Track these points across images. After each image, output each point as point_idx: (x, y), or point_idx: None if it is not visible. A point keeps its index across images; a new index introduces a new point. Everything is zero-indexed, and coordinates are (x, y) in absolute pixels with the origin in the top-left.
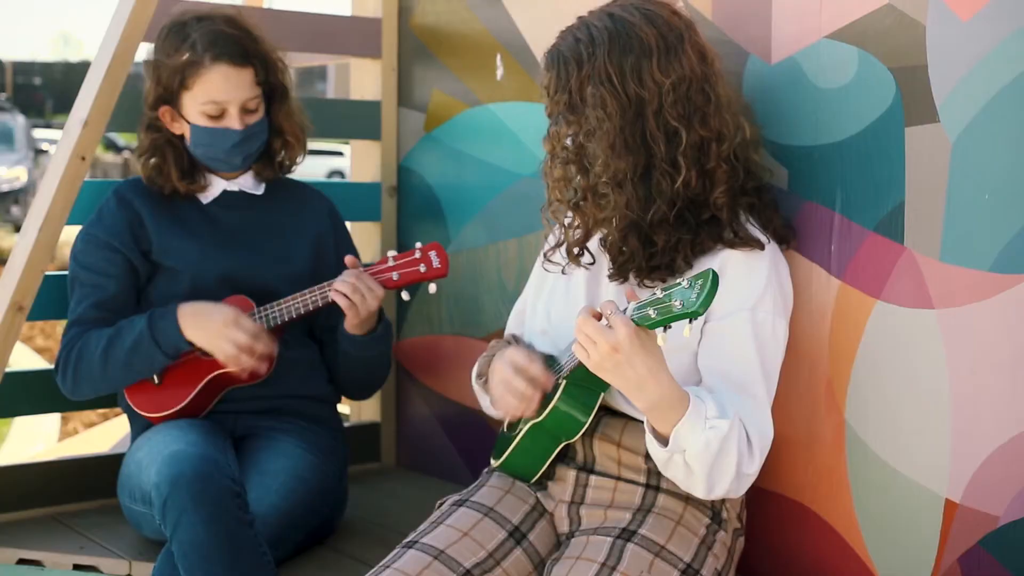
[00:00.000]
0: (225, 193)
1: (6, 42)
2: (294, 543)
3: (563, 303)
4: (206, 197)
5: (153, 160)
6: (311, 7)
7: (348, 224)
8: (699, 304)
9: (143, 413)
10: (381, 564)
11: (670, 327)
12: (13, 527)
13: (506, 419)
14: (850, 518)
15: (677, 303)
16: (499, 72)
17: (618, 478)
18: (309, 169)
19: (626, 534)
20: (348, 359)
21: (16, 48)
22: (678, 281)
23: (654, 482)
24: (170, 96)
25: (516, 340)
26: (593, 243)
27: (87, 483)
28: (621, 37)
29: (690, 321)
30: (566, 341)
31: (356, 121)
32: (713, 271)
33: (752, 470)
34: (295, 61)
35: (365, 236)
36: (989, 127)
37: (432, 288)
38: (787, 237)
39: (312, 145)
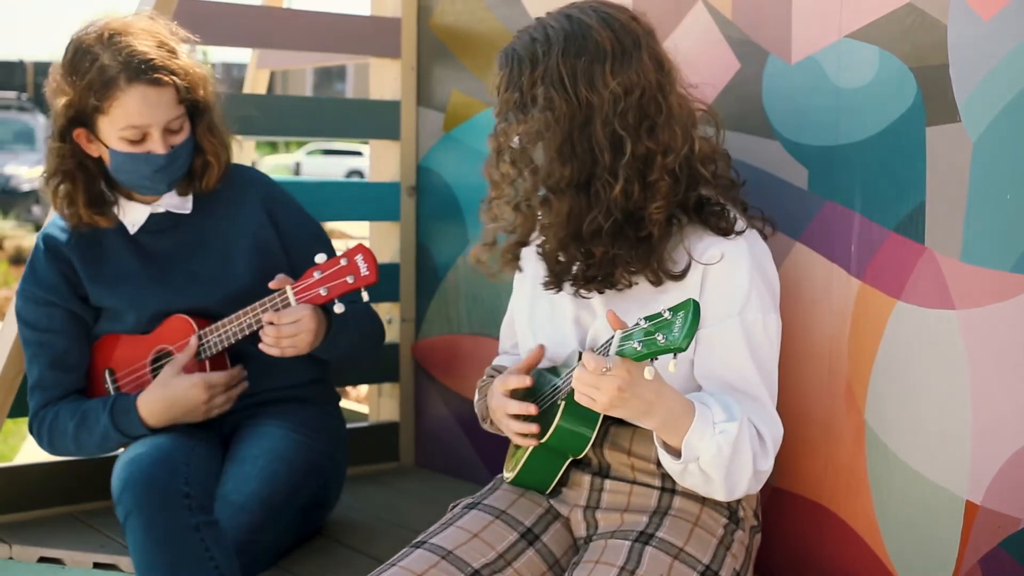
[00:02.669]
0: (152, 217)
1: (27, 42)
2: (283, 524)
3: (547, 320)
4: (133, 226)
5: (63, 186)
6: (330, 7)
7: (367, 224)
8: (682, 338)
9: None
10: (387, 562)
11: (656, 358)
12: (34, 526)
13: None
14: (870, 519)
15: (660, 337)
16: None
17: (633, 482)
18: (328, 169)
19: (644, 537)
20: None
21: (37, 48)
22: (660, 312)
23: (669, 485)
24: (84, 118)
25: (497, 372)
26: (526, 254)
27: (107, 482)
28: (576, 39)
29: (674, 356)
30: (558, 355)
31: (375, 121)
32: (694, 301)
33: (767, 466)
34: (314, 61)
35: (384, 236)
36: (1010, 126)
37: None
38: (765, 222)
39: (331, 145)
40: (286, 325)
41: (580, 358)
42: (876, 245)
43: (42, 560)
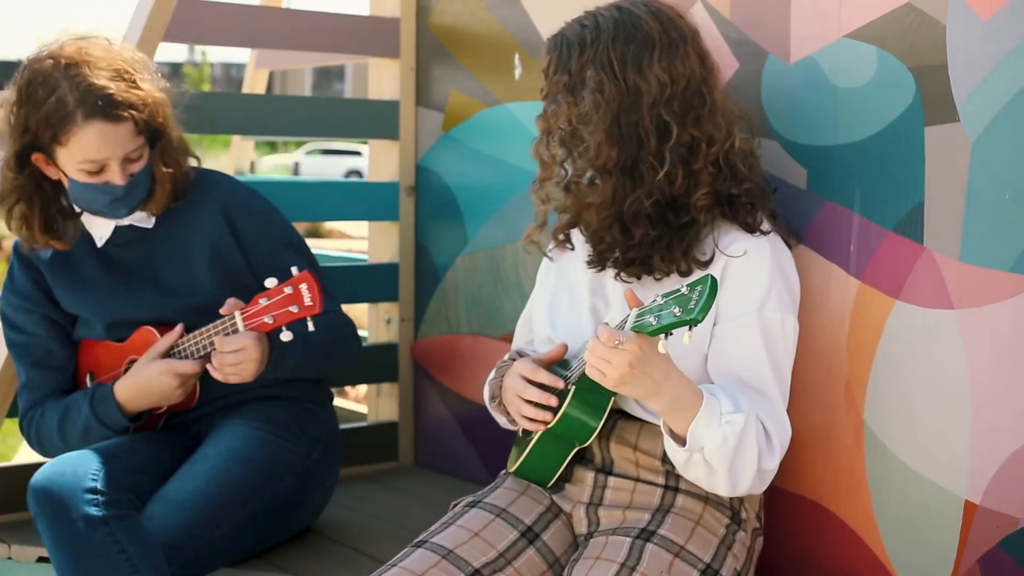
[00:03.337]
0: (118, 230)
1: (26, 42)
2: (234, 523)
3: (567, 310)
4: (100, 239)
5: (17, 207)
6: (329, 7)
7: (366, 224)
8: (698, 311)
9: None
10: (388, 563)
11: (671, 334)
12: (33, 526)
13: (521, 430)
14: (869, 519)
15: (676, 310)
16: (517, 72)
17: (637, 479)
18: (327, 168)
19: (645, 534)
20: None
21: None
22: (677, 288)
23: (673, 483)
24: (40, 145)
25: (520, 355)
26: (577, 234)
27: None
28: (626, 27)
29: (690, 328)
30: (572, 348)
31: (374, 121)
32: (712, 276)
33: (772, 465)
34: (313, 61)
35: (383, 235)
36: (1009, 126)
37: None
38: (790, 233)
39: (330, 145)
40: (228, 353)
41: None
42: (875, 245)
43: (41, 560)
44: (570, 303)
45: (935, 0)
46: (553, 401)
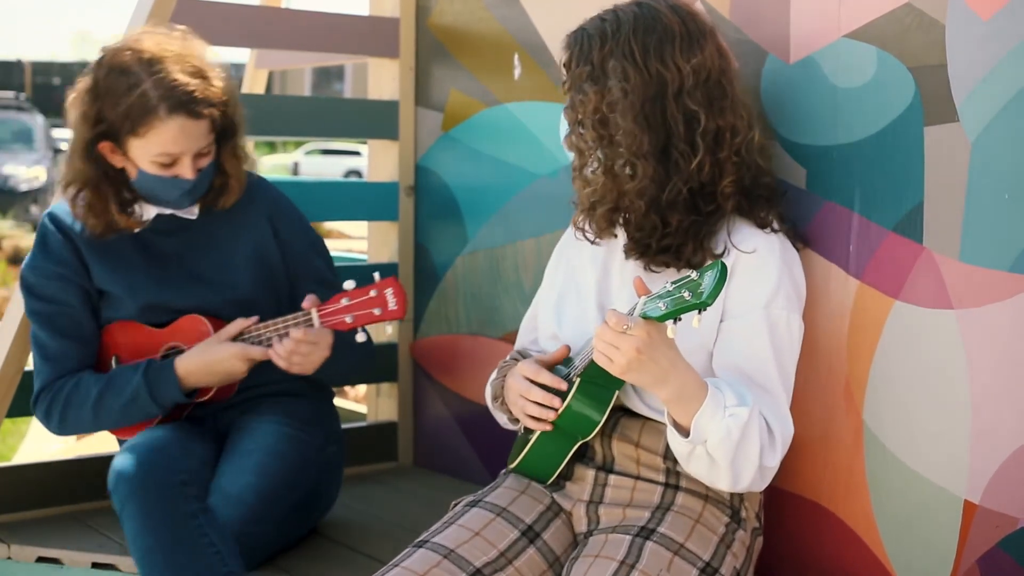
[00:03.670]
0: (159, 218)
1: (25, 42)
2: (277, 518)
3: (574, 307)
4: (140, 224)
5: (84, 194)
6: (329, 7)
7: (365, 224)
8: (708, 295)
9: (120, 437)
10: (390, 563)
11: (680, 319)
12: (32, 525)
13: (523, 428)
14: (868, 519)
15: (686, 294)
16: (517, 71)
17: (637, 477)
18: (326, 168)
19: (645, 532)
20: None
21: (35, 48)
22: (687, 274)
23: (673, 481)
24: (114, 135)
25: (522, 356)
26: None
27: (106, 482)
28: (646, 20)
29: (699, 312)
30: (577, 345)
31: (374, 121)
32: (722, 262)
33: (774, 462)
34: (313, 61)
35: (383, 235)
36: (1009, 127)
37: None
38: (796, 236)
39: (329, 145)
40: (304, 343)
41: None
42: (875, 245)
43: (40, 560)
44: (577, 301)
45: (935, 0)
46: (556, 402)
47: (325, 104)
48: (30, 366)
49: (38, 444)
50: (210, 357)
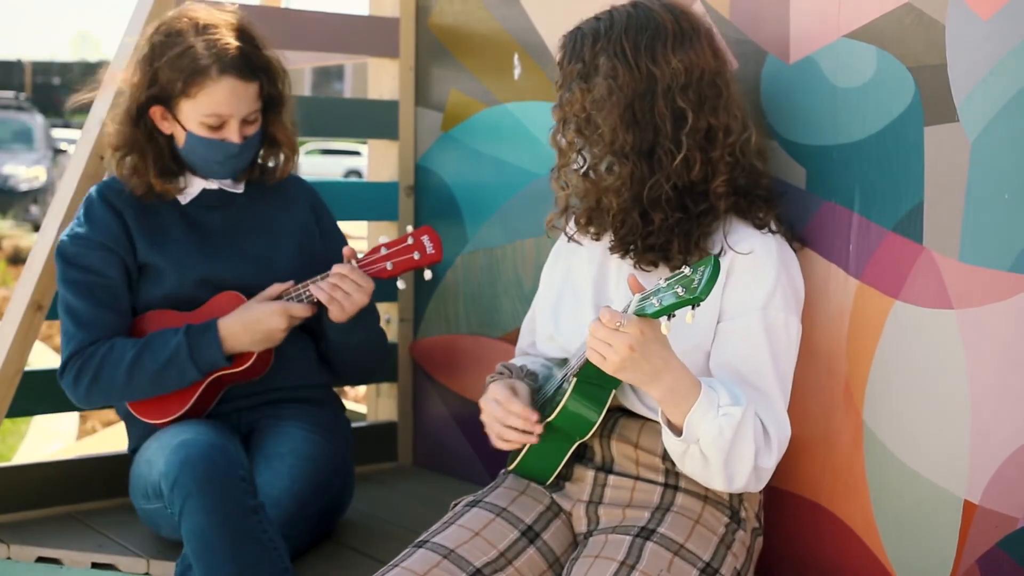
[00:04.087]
0: (205, 192)
1: (25, 42)
2: (308, 522)
3: (571, 307)
4: (185, 197)
5: (130, 158)
6: (329, 7)
7: (364, 224)
8: (701, 290)
9: (147, 420)
10: (390, 563)
11: (674, 315)
12: (32, 525)
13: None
14: (868, 519)
15: (680, 290)
16: (516, 71)
17: (637, 478)
18: (326, 168)
19: (645, 532)
20: (333, 346)
21: (35, 48)
22: (680, 270)
23: (673, 481)
24: (166, 98)
25: (508, 370)
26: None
27: (105, 481)
28: (639, 19)
29: (692, 308)
30: (574, 346)
31: (373, 121)
32: (715, 257)
33: (770, 464)
34: (312, 61)
35: (383, 235)
36: (1009, 127)
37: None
38: (794, 236)
39: (329, 145)
40: (350, 280)
41: None
42: (874, 245)
43: (40, 560)
44: (574, 301)
45: (935, 0)
46: (535, 428)
47: (325, 104)
48: (30, 366)
49: (38, 444)
50: (251, 315)
